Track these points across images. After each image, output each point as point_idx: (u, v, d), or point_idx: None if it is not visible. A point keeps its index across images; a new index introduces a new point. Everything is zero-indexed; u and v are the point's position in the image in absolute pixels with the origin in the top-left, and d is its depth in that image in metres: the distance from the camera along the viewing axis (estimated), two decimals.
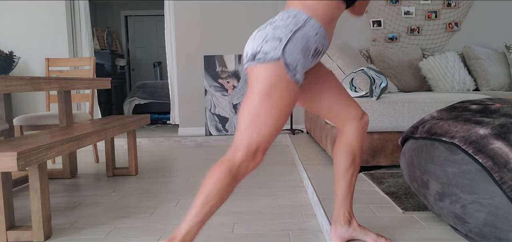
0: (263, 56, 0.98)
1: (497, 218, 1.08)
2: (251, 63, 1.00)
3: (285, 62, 0.97)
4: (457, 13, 3.95)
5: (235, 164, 1.01)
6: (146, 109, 6.37)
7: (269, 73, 0.98)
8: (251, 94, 1.00)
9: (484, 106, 1.38)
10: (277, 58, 0.97)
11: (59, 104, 2.46)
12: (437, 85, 3.27)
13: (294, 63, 0.99)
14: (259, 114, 0.98)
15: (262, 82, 0.98)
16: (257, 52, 0.99)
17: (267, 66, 0.98)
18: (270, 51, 0.97)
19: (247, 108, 1.00)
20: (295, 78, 1.00)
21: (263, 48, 0.98)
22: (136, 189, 2.26)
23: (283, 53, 0.97)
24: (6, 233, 1.53)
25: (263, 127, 0.99)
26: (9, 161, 1.30)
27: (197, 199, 1.03)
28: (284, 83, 0.98)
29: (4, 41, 4.04)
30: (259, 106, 0.98)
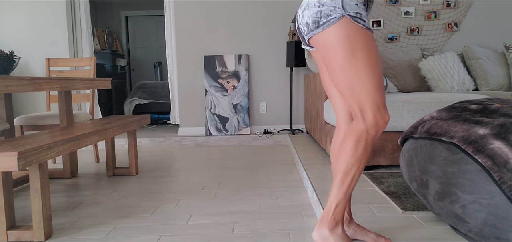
0: (327, 20, 0.96)
1: (496, 218, 1.09)
2: (317, 30, 0.97)
3: (349, 15, 0.95)
4: (457, 13, 3.96)
5: (365, 130, 1.01)
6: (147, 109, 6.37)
7: (341, 33, 0.95)
8: (336, 61, 0.97)
9: (484, 106, 1.39)
10: (341, 15, 0.95)
11: (59, 105, 2.46)
12: (436, 85, 3.28)
13: (358, 13, 0.97)
14: (357, 76, 0.96)
15: (340, 44, 0.96)
16: (318, 18, 0.97)
17: (335, 27, 0.95)
18: (331, 13, 0.95)
19: (339, 76, 0.97)
20: (365, 26, 0.98)
21: (323, 11, 0.96)
22: (136, 189, 2.26)
23: (344, 9, 0.95)
24: (7, 232, 1.53)
25: (370, 83, 0.97)
26: (10, 161, 1.30)
27: (336, 175, 1.07)
28: (359, 35, 0.96)
29: (4, 41, 4.05)
30: (352, 67, 0.96)
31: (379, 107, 1.01)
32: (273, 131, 4.11)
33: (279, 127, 4.14)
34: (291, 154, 3.27)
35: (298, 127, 4.17)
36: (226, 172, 2.63)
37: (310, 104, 3.44)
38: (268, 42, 4.05)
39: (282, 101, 4.12)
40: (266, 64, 4.08)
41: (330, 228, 1.12)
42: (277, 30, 4.04)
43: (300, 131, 4.03)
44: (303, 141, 3.43)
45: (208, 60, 4.01)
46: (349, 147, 1.03)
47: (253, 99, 4.11)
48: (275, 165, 2.85)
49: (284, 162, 2.94)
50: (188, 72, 4.09)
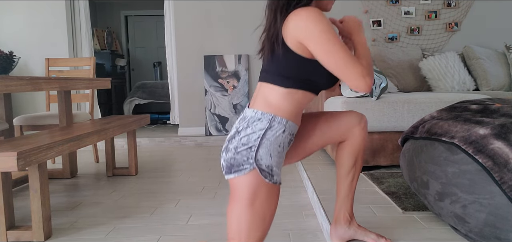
0: (238, 169, 0.98)
1: (497, 218, 1.08)
2: (230, 175, 1.00)
3: (260, 169, 0.98)
4: (457, 13, 3.95)
5: None
6: (146, 109, 6.37)
7: (248, 184, 0.98)
8: (236, 205, 1.01)
9: (484, 106, 1.38)
10: (252, 168, 0.97)
11: (59, 104, 2.46)
12: (437, 85, 3.27)
13: (269, 167, 0.99)
14: (245, 223, 0.99)
15: (243, 193, 0.99)
16: (231, 165, 0.99)
17: (244, 177, 0.98)
18: (243, 162, 0.98)
19: (233, 219, 1.01)
20: (273, 181, 1.00)
21: (236, 159, 0.98)
22: (136, 189, 2.26)
23: (256, 162, 0.97)
24: (6, 233, 1.53)
25: (253, 234, 1.00)
26: (9, 161, 1.30)
27: None
28: (264, 189, 0.99)
29: (4, 41, 4.04)
30: (244, 217, 0.99)
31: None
32: None
33: None
34: None
35: None
36: None
37: (310, 104, 3.44)
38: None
39: None
40: None
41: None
42: None
43: None
44: None
45: (208, 60, 4.01)
46: None
47: None
48: None
49: None
50: (188, 72, 4.08)
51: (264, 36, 1.08)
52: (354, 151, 1.21)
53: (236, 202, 1.00)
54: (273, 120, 1.00)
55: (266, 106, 1.02)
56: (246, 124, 1.02)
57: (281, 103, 1.02)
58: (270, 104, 1.02)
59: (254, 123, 1.01)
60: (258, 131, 0.99)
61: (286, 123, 1.02)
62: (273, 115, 1.01)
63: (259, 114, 1.02)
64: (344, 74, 0.96)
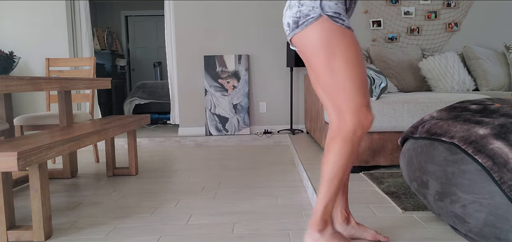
0: (305, 20, 0.95)
1: (496, 218, 1.09)
2: (297, 30, 0.97)
3: (328, 15, 0.95)
4: (457, 13, 3.96)
5: (350, 130, 1.00)
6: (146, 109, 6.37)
7: (319, 34, 0.95)
8: (317, 62, 0.96)
9: (484, 106, 1.39)
10: (319, 15, 0.94)
11: (59, 104, 2.46)
12: (436, 85, 3.27)
13: (337, 12, 0.96)
14: (338, 77, 0.95)
15: (319, 45, 0.95)
16: (298, 18, 0.96)
17: (314, 27, 0.95)
18: (310, 12, 0.95)
19: (321, 77, 0.96)
20: (344, 25, 0.96)
21: (302, 11, 0.96)
22: (136, 189, 2.26)
23: (322, 9, 0.94)
24: (7, 233, 1.53)
25: (348, 84, 0.95)
26: (10, 161, 1.30)
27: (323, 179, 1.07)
28: (338, 34, 0.95)
29: (4, 41, 4.05)
30: (332, 69, 0.95)
31: (362, 108, 0.99)
32: (273, 131, 4.11)
33: (279, 127, 4.14)
34: (291, 154, 3.27)
35: (298, 127, 4.17)
36: (226, 172, 2.63)
37: (310, 104, 3.44)
38: (268, 42, 4.05)
39: (282, 102, 4.12)
40: (266, 64, 4.08)
41: (320, 230, 1.12)
42: (277, 30, 4.04)
43: (300, 131, 4.02)
44: (303, 141, 3.43)
45: (208, 60, 4.01)
46: (335, 149, 1.02)
47: (253, 99, 4.11)
48: (275, 165, 2.85)
49: (284, 162, 2.94)
50: (188, 72, 4.09)
51: None
52: None
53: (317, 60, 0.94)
54: None
55: None
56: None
57: None
58: None
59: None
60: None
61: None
62: None
63: None
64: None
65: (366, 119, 1.01)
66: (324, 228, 1.13)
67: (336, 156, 1.03)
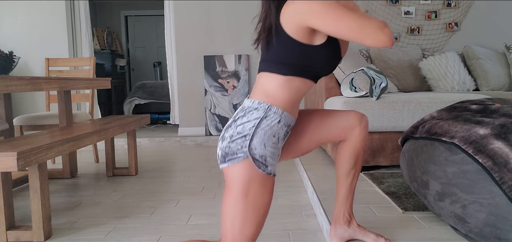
0: (232, 158, 0.97)
1: (497, 218, 1.08)
2: (224, 164, 1.00)
3: (253, 158, 0.97)
4: (457, 13, 3.95)
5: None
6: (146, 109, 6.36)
7: (241, 173, 0.97)
8: (230, 196, 0.99)
9: (484, 106, 1.38)
10: (246, 156, 0.96)
11: (59, 104, 2.46)
12: (437, 85, 3.27)
13: (263, 157, 0.98)
14: (239, 216, 0.98)
15: (237, 183, 0.98)
16: (226, 154, 0.98)
17: (238, 166, 0.97)
18: (237, 151, 0.97)
19: (228, 211, 1.00)
20: (267, 171, 0.99)
21: (231, 148, 0.98)
22: (136, 189, 2.26)
23: (249, 151, 0.96)
24: (6, 233, 1.53)
25: (246, 227, 0.99)
26: (9, 161, 1.30)
27: None
28: (257, 179, 0.98)
29: (4, 41, 4.04)
30: (238, 208, 0.98)
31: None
32: None
33: None
34: None
35: None
36: None
37: (310, 104, 3.44)
38: None
39: None
40: None
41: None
42: None
43: None
44: None
45: (208, 60, 4.01)
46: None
47: None
48: None
49: (284, 162, 2.93)
50: (188, 72, 4.08)
51: (260, 26, 1.08)
52: (355, 152, 1.20)
53: (230, 193, 0.99)
54: (269, 110, 1.00)
55: (264, 96, 1.03)
56: (243, 113, 1.02)
57: (279, 93, 1.02)
58: (267, 94, 1.02)
59: (251, 112, 1.01)
60: (254, 120, 0.99)
61: (282, 113, 1.02)
62: (269, 105, 1.01)
63: (256, 104, 1.02)
64: (361, 33, 0.91)
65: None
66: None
67: None
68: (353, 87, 2.41)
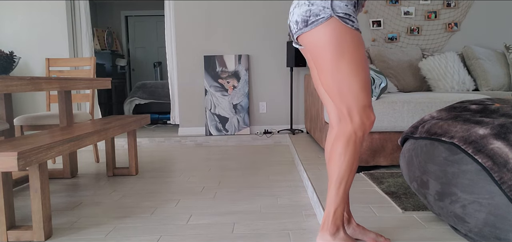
0: (315, 19, 0.95)
1: (496, 218, 1.09)
2: (305, 29, 0.97)
3: (338, 16, 0.95)
4: (457, 13, 3.96)
5: (352, 132, 1.02)
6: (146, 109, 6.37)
7: (329, 34, 0.95)
8: (324, 61, 0.96)
9: (484, 106, 1.39)
10: (330, 15, 0.94)
11: (59, 104, 2.46)
12: (436, 85, 3.27)
13: (347, 13, 0.96)
14: (344, 77, 0.95)
15: (328, 45, 0.95)
16: (307, 17, 0.96)
17: (323, 27, 0.95)
18: (320, 12, 0.95)
19: (328, 77, 0.97)
20: (354, 26, 0.97)
21: (312, 11, 0.95)
22: (136, 189, 2.26)
23: (333, 10, 0.94)
24: (7, 232, 1.53)
25: (357, 84, 0.96)
26: (10, 161, 1.30)
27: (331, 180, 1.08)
28: (347, 36, 0.95)
29: (4, 41, 4.05)
30: (339, 69, 0.95)
31: (365, 109, 1.01)
32: (273, 131, 4.11)
33: (279, 127, 4.14)
34: (291, 154, 3.27)
35: (298, 127, 4.17)
36: (226, 172, 2.63)
37: (310, 104, 3.44)
38: (268, 42, 4.05)
39: (282, 101, 4.12)
40: (266, 64, 4.08)
41: (332, 234, 1.14)
42: (277, 30, 4.04)
43: (300, 131, 4.02)
44: (303, 141, 3.43)
45: (208, 60, 4.01)
46: (340, 150, 1.04)
47: (253, 99, 4.11)
48: (275, 165, 2.85)
49: (284, 162, 2.94)
50: (188, 72, 4.09)
51: None
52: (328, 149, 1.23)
53: (325, 60, 0.95)
54: None
55: None
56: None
57: None
58: None
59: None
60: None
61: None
62: None
63: None
64: None
65: (368, 119, 1.03)
66: (335, 231, 1.14)
67: (341, 158, 1.04)
68: None
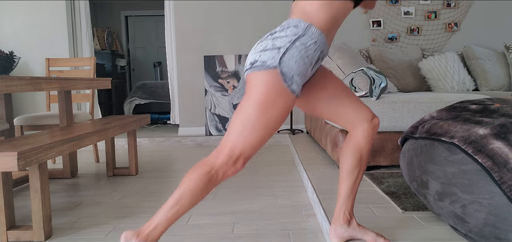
0: (260, 64, 0.98)
1: (497, 218, 1.09)
2: (249, 70, 1.00)
3: (281, 71, 0.97)
4: (457, 13, 3.96)
5: (214, 167, 1.01)
6: (146, 109, 6.37)
7: (265, 81, 0.97)
8: (246, 100, 0.99)
9: (484, 106, 1.39)
10: (274, 66, 0.97)
11: (59, 104, 2.46)
12: (436, 85, 3.27)
13: (291, 73, 0.98)
14: (249, 121, 0.98)
15: (258, 90, 0.98)
16: (255, 61, 0.99)
17: (263, 74, 0.98)
18: (267, 60, 0.98)
19: (239, 113, 1.00)
20: (291, 88, 0.99)
21: (261, 57, 0.99)
22: (136, 189, 2.26)
23: (280, 62, 0.97)
24: (7, 232, 1.53)
25: (251, 134, 0.98)
26: (10, 161, 1.30)
27: (172, 195, 1.04)
28: (279, 92, 0.98)
29: (4, 41, 4.05)
30: (251, 112, 0.98)
31: (242, 158, 1.00)
32: None
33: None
34: (291, 154, 3.27)
35: (298, 127, 4.17)
36: None
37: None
38: None
39: None
40: None
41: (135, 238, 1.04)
42: None
43: (300, 131, 4.02)
44: (303, 141, 3.43)
45: (208, 60, 4.01)
46: (195, 177, 1.01)
47: None
48: (275, 165, 2.85)
49: (284, 162, 2.94)
50: (188, 72, 4.09)
51: None
52: (358, 150, 1.20)
53: (248, 99, 0.99)
54: (308, 29, 1.01)
55: (304, 16, 1.03)
56: (281, 28, 1.03)
57: (319, 14, 1.02)
58: (307, 15, 1.03)
59: (289, 28, 1.01)
60: (291, 35, 1.00)
61: (319, 35, 1.02)
62: (309, 25, 1.01)
63: (296, 21, 1.02)
64: None
65: (235, 169, 1.01)
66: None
67: (191, 183, 1.01)
68: (353, 87, 2.41)
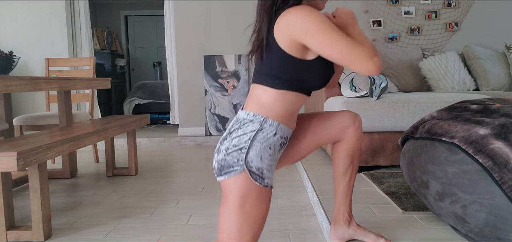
0: (228, 171, 0.97)
1: (497, 218, 1.08)
2: (220, 177, 0.99)
3: (250, 171, 0.96)
4: (457, 13, 3.95)
5: None
6: (146, 109, 6.36)
7: (238, 186, 0.96)
8: (226, 208, 0.99)
9: (484, 106, 1.38)
10: (242, 169, 0.96)
11: (59, 104, 2.46)
12: (437, 85, 3.27)
13: (260, 170, 0.97)
14: (235, 226, 0.97)
15: (234, 196, 0.97)
16: (222, 167, 0.98)
17: (235, 179, 0.96)
18: (233, 164, 0.96)
19: (223, 222, 0.99)
20: (264, 184, 0.98)
21: (227, 161, 0.97)
22: (136, 189, 2.26)
23: (246, 164, 0.96)
24: (6, 233, 1.53)
25: (242, 238, 0.98)
26: (9, 161, 1.30)
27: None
28: (254, 192, 0.97)
29: (4, 41, 4.04)
30: (234, 220, 0.97)
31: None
32: None
33: None
34: None
35: None
36: None
37: (310, 104, 3.44)
38: None
39: None
40: None
41: None
42: None
43: None
44: None
45: (208, 60, 4.01)
46: None
47: None
48: None
49: None
50: (188, 72, 4.08)
51: (254, 37, 1.06)
52: (350, 151, 1.21)
53: (226, 205, 0.99)
54: (265, 122, 0.99)
55: (258, 108, 1.01)
56: (238, 125, 1.01)
57: (273, 105, 1.01)
58: (262, 106, 1.01)
59: (246, 125, 1.00)
60: (249, 132, 0.98)
61: (278, 126, 1.01)
62: (264, 118, 1.00)
63: (251, 116, 1.01)
64: (351, 60, 0.92)
65: None
66: None
67: None
68: (353, 87, 2.41)
